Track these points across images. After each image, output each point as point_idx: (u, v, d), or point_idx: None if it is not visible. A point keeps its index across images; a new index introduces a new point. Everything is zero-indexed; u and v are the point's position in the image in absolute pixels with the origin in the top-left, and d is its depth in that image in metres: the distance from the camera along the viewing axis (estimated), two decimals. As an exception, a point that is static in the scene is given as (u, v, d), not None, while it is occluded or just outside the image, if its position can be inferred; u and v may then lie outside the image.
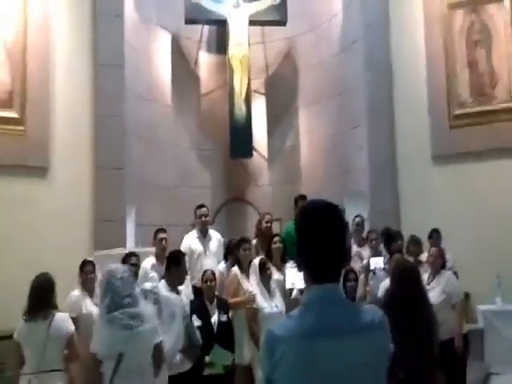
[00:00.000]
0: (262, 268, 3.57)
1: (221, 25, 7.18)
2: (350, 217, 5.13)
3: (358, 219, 4.62)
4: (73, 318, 3.18)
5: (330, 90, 6.88)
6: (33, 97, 5.31)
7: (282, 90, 7.38)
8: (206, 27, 7.49)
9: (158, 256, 4.20)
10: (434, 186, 5.69)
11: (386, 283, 3.65)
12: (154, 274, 3.88)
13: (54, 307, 3.01)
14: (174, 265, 3.24)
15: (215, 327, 3.44)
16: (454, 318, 3.57)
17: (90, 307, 3.65)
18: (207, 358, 3.27)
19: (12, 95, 5.24)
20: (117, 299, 2.50)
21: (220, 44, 7.47)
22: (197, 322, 3.33)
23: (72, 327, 3.01)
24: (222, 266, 4.16)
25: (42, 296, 2.98)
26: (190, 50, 7.39)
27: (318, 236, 1.22)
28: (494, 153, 5.44)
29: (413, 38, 5.98)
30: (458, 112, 5.73)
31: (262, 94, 7.51)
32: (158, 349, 2.61)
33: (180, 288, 3.36)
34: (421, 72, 5.88)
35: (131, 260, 3.74)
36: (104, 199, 5.62)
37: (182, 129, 7.13)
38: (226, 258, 4.29)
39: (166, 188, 6.79)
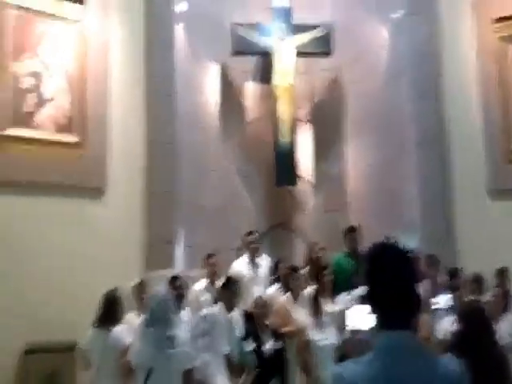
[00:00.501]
0: (315, 299, 3.53)
1: (266, 56, 7.37)
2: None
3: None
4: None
5: (378, 119, 6.87)
6: (91, 122, 5.59)
7: (328, 118, 7.43)
8: (253, 59, 7.70)
9: (209, 279, 4.24)
10: (491, 220, 5.50)
11: (446, 323, 3.52)
12: (206, 298, 3.91)
13: (118, 320, 3.13)
14: (229, 289, 3.27)
15: (267, 354, 3.40)
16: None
17: None
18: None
19: (72, 120, 5.53)
20: (154, 318, 2.64)
21: (265, 74, 7.62)
22: (250, 347, 3.31)
23: (127, 340, 3.08)
24: (271, 290, 4.13)
25: (107, 308, 3.12)
26: (236, 80, 7.60)
27: (391, 283, 1.20)
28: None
29: (465, 67, 5.93)
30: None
31: (308, 121, 7.58)
32: (187, 375, 2.66)
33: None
34: (475, 103, 5.81)
35: (175, 283, 3.78)
36: (155, 221, 5.80)
37: (228, 155, 7.27)
38: (272, 281, 4.30)
39: (213, 211, 6.89)
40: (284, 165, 6.89)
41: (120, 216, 5.68)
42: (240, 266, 4.61)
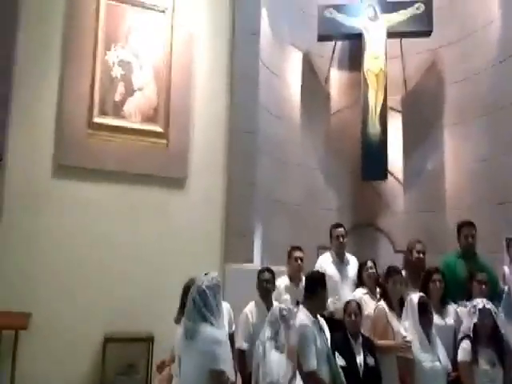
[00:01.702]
0: (423, 309, 2.92)
1: (355, 39, 6.78)
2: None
3: None
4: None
5: (483, 107, 5.99)
6: (175, 112, 5.51)
7: (422, 108, 6.66)
8: (339, 44, 7.16)
9: (292, 277, 3.82)
10: None
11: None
12: (287, 297, 3.47)
13: None
14: (318, 289, 2.81)
15: (361, 370, 2.87)
16: None
17: None
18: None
19: (157, 111, 5.47)
20: (189, 308, 2.54)
21: (352, 60, 7.07)
22: (340, 361, 2.81)
23: None
24: (360, 294, 3.57)
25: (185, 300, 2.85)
26: (321, 68, 7.10)
27: None
28: None
29: None
30: None
31: (398, 111, 6.88)
32: (213, 376, 2.37)
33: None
34: None
35: (264, 276, 3.42)
36: (235, 213, 5.61)
37: (310, 148, 6.80)
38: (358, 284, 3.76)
39: (292, 207, 6.48)
40: (372, 157, 6.28)
41: (200, 207, 5.54)
42: (325, 263, 4.06)
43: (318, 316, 3.00)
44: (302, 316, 2.83)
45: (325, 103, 6.97)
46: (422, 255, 3.59)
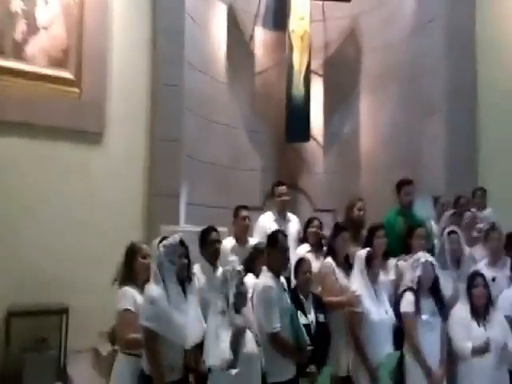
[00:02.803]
0: (370, 263, 3.08)
1: (281, -2, 6.66)
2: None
3: (469, 214, 3.97)
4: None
5: (398, 74, 6.35)
6: (88, 57, 4.92)
7: (342, 72, 6.86)
8: (263, 1, 6.97)
9: (238, 237, 3.70)
10: None
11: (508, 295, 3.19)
12: (234, 257, 3.38)
13: None
14: (274, 246, 2.81)
15: (312, 328, 2.96)
16: None
17: None
18: (311, 367, 2.80)
19: (67, 54, 4.83)
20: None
21: (277, 20, 6.97)
22: (303, 320, 2.87)
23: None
24: (303, 251, 3.64)
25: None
26: (246, 25, 6.88)
27: None
28: None
29: (503, 11, 5.43)
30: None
31: (319, 75, 7.00)
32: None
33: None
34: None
35: (213, 236, 3.21)
36: (160, 172, 5.33)
37: (235, 108, 6.65)
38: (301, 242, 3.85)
39: (217, 168, 6.35)
40: (297, 119, 6.35)
41: (120, 164, 5.15)
42: (266, 221, 3.99)
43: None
44: (265, 277, 2.80)
45: (250, 62, 6.81)
46: (362, 212, 3.75)
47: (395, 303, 3.17)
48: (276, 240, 2.90)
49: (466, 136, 5.49)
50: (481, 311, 3.03)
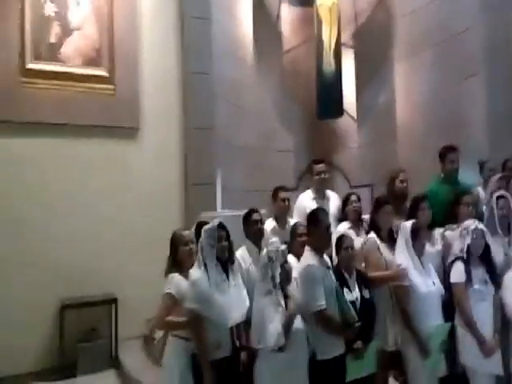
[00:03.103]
0: (415, 235, 2.99)
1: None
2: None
3: None
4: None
5: (432, 38, 6.05)
6: (121, 53, 4.99)
7: (373, 42, 6.64)
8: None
9: (278, 218, 3.70)
10: None
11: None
12: (275, 239, 3.38)
13: None
14: (315, 224, 2.78)
15: (357, 304, 2.93)
16: None
17: None
18: (358, 343, 2.79)
19: (100, 52, 4.92)
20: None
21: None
22: (349, 296, 2.84)
23: None
24: (344, 228, 3.58)
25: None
26: (271, 4, 6.75)
27: None
28: None
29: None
30: None
31: (350, 47, 6.81)
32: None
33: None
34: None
35: (255, 216, 3.23)
36: (195, 161, 5.37)
37: (265, 89, 6.59)
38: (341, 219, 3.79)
39: (250, 151, 6.34)
40: (328, 95, 6.24)
41: (156, 157, 5.23)
42: (305, 200, 3.98)
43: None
44: (308, 256, 2.78)
45: (277, 41, 6.72)
46: (405, 184, 3.64)
47: (444, 274, 3.09)
48: (317, 218, 2.88)
49: (507, 96, 5.21)
50: (535, 277, 2.91)
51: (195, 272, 2.62)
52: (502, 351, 2.90)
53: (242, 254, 3.14)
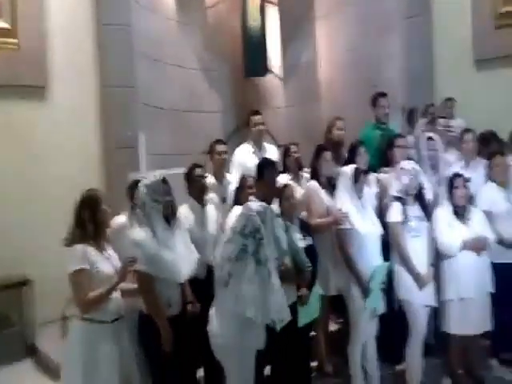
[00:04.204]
0: (355, 180, 3.02)
1: None
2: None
3: (443, 120, 3.98)
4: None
5: (351, -2, 6.15)
6: (24, 2, 4.39)
7: (294, 0, 6.55)
8: None
9: (215, 174, 3.53)
10: (475, 94, 5.20)
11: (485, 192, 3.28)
12: (213, 195, 3.27)
13: None
14: (266, 177, 2.70)
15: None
16: None
17: None
18: (302, 290, 2.78)
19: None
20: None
21: None
22: (301, 243, 2.82)
23: None
24: (285, 180, 3.52)
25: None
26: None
27: None
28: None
29: None
30: (504, 10, 5.20)
31: (274, 4, 6.66)
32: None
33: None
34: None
35: (198, 171, 3.09)
36: (114, 123, 4.96)
37: (187, 46, 6.26)
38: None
39: (173, 113, 6.05)
40: (254, 52, 6.13)
41: (69, 119, 4.74)
42: (244, 154, 3.84)
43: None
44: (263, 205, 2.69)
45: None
46: (342, 132, 3.68)
47: (380, 215, 3.20)
48: (267, 170, 2.84)
49: (422, 52, 5.44)
50: (462, 210, 3.12)
51: (139, 232, 2.45)
52: (435, 283, 3.10)
53: (184, 212, 2.99)
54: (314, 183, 3.25)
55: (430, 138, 3.41)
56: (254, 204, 2.29)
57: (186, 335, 2.57)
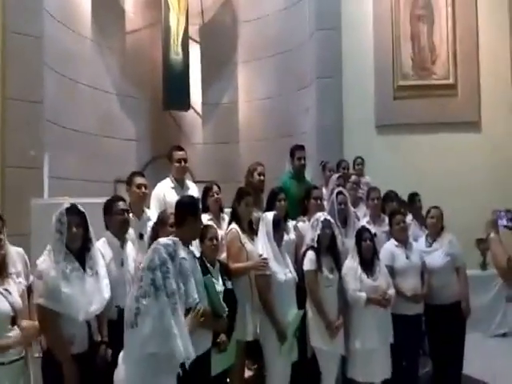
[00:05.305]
0: (276, 226, 3.09)
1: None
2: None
3: (354, 177, 4.28)
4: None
5: (272, 48, 6.51)
6: None
7: (219, 41, 6.75)
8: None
9: (133, 208, 3.26)
10: (377, 155, 5.68)
11: (387, 247, 3.56)
12: (130, 232, 3.08)
13: None
14: (190, 215, 2.61)
15: (221, 296, 2.86)
16: (458, 282, 3.53)
17: None
18: (222, 337, 2.72)
19: None
20: None
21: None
22: (219, 287, 2.75)
23: None
24: (205, 220, 3.42)
25: None
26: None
27: None
28: (431, 126, 5.73)
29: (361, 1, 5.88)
30: (401, 83, 5.91)
31: (197, 42, 6.76)
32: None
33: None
34: (369, 37, 5.84)
35: (120, 205, 2.85)
36: (14, 139, 4.59)
37: (103, 68, 6.03)
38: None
39: (82, 135, 5.73)
40: (175, 85, 6.08)
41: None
42: (164, 189, 3.67)
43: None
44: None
45: (120, 20, 6.22)
46: (262, 177, 3.74)
47: (296, 262, 3.29)
48: (196, 209, 2.70)
49: (332, 111, 5.81)
50: (368, 263, 3.33)
51: (43, 262, 2.34)
52: (344, 333, 3.23)
53: (101, 247, 2.75)
54: (234, 226, 3.24)
55: (339, 193, 3.64)
56: (164, 238, 2.21)
57: (95, 376, 2.37)
